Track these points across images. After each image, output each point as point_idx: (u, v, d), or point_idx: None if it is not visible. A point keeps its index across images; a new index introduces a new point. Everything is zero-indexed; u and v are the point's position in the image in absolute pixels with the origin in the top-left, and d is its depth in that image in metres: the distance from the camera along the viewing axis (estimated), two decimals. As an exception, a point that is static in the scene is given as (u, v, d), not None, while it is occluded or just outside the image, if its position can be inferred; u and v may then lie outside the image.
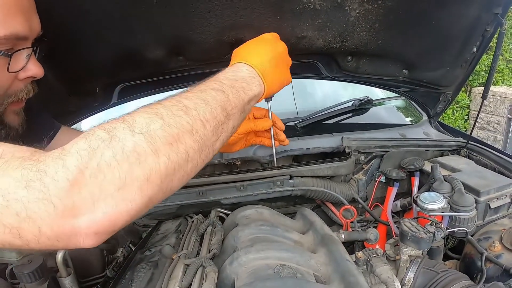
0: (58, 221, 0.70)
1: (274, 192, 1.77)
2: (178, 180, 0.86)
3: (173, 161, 0.82)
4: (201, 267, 1.25)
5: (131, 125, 0.80)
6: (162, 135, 0.81)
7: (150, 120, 0.82)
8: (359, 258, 1.34)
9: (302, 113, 2.43)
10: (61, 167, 0.71)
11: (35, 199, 0.68)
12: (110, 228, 0.75)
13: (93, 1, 1.35)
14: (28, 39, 1.07)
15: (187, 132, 0.86)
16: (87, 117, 2.13)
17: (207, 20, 1.50)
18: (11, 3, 0.97)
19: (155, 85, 1.97)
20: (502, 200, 1.63)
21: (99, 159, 0.73)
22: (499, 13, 1.66)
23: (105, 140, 0.76)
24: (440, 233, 1.36)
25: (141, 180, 0.76)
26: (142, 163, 0.76)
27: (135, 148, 0.76)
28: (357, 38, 1.71)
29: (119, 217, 0.75)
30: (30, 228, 0.69)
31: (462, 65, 1.96)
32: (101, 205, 0.72)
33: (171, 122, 0.84)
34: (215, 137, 0.94)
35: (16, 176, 0.68)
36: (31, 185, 0.68)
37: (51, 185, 0.69)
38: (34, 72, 1.11)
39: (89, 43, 1.54)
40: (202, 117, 0.90)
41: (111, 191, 0.73)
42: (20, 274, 1.31)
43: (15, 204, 0.67)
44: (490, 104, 7.67)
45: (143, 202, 0.77)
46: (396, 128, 2.32)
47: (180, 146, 0.83)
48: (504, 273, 1.32)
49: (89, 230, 0.73)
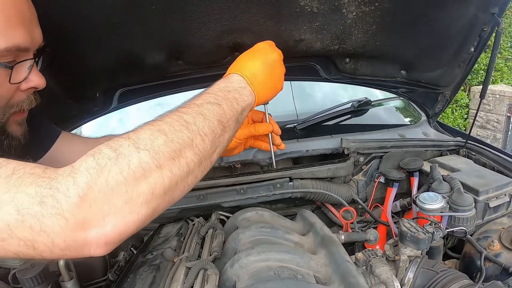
0: (70, 234, 0.74)
1: (274, 194, 1.78)
2: (180, 192, 0.91)
3: (175, 175, 0.87)
4: (202, 270, 1.26)
5: (136, 142, 0.85)
6: (165, 150, 0.86)
7: (154, 137, 0.87)
8: (358, 259, 1.34)
9: (302, 115, 2.44)
10: (72, 184, 0.75)
11: (49, 214, 0.72)
12: (119, 238, 0.81)
13: (92, 7, 1.35)
14: (30, 50, 1.07)
15: (188, 146, 0.91)
16: (88, 122, 2.14)
17: (206, 25, 1.51)
18: (13, 14, 0.97)
19: (154, 89, 1.98)
20: (501, 199, 1.63)
21: (107, 176, 0.78)
22: (496, 13, 1.66)
23: (111, 158, 0.80)
24: (439, 233, 1.37)
25: (146, 193, 0.81)
26: (147, 178, 0.82)
27: (140, 164, 0.81)
28: (354, 40, 1.72)
29: (126, 228, 0.81)
30: (44, 241, 0.73)
31: (460, 65, 1.96)
32: (111, 219, 0.78)
33: (174, 138, 0.89)
34: (212, 149, 0.99)
35: (31, 193, 0.72)
36: (44, 201, 0.72)
37: (63, 201, 0.73)
38: (36, 83, 1.13)
39: (88, 48, 1.55)
40: (201, 131, 0.95)
41: (119, 205, 0.78)
42: (22, 278, 1.31)
43: (29, 219, 0.71)
44: (489, 103, 7.67)
45: (148, 213, 0.83)
46: (395, 128, 2.32)
47: (182, 160, 0.89)
48: (503, 272, 1.32)
49: (99, 241, 0.78)
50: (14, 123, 1.16)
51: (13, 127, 1.16)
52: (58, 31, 1.26)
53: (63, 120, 1.94)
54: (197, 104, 1.02)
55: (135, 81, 1.90)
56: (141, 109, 2.58)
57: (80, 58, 1.57)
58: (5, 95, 1.07)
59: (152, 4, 1.38)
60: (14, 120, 1.15)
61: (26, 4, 1.03)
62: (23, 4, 1.01)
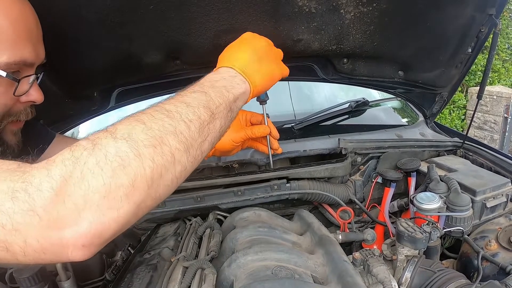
0: (44, 233, 0.69)
1: (271, 196, 1.77)
2: (166, 186, 0.84)
3: (158, 165, 0.80)
4: (200, 269, 1.26)
5: (113, 132, 0.80)
6: (144, 138, 0.80)
7: (132, 126, 0.82)
8: (356, 259, 1.35)
9: (299, 115, 2.44)
10: (46, 176, 0.71)
11: (20, 210, 0.68)
12: (98, 239, 0.74)
13: (89, 7, 1.36)
14: (34, 66, 1.13)
15: (170, 133, 0.85)
16: (85, 121, 2.14)
17: (204, 24, 1.51)
18: (22, 31, 1.04)
19: (152, 89, 1.98)
20: (498, 199, 1.64)
21: (83, 167, 0.73)
22: (493, 14, 1.67)
23: (87, 149, 0.75)
24: (436, 233, 1.37)
25: (126, 186, 0.75)
26: (126, 167, 0.75)
27: (117, 153, 0.76)
28: (352, 41, 1.72)
29: (106, 226, 0.73)
30: (17, 241, 0.69)
31: (457, 66, 1.97)
32: (87, 215, 0.71)
33: (153, 126, 0.83)
34: (202, 137, 0.93)
35: (3, 189, 0.69)
36: (16, 196, 0.68)
37: (36, 195, 0.69)
38: (35, 97, 1.17)
39: (86, 48, 1.56)
40: (185, 118, 0.89)
41: (96, 199, 0.72)
42: (19, 278, 1.32)
43: (1, 217, 0.67)
44: (487, 104, 7.69)
45: (130, 210, 0.76)
46: (392, 129, 2.33)
47: (164, 148, 0.82)
48: (501, 272, 1.33)
49: (76, 242, 0.72)
50: (10, 133, 1.18)
51: (9, 136, 1.18)
52: (56, 30, 1.27)
53: (61, 119, 1.96)
54: (180, 94, 0.98)
55: (132, 81, 1.90)
56: (139, 109, 2.58)
57: (78, 57, 1.58)
58: (6, 104, 1.11)
59: (150, 4, 1.38)
60: (10, 129, 1.18)
61: (35, 24, 1.09)
62: (32, 22, 1.08)
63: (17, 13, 1.02)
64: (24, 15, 1.05)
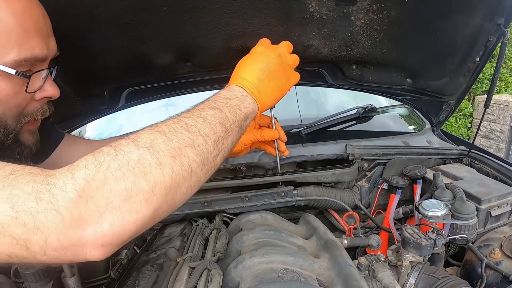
0: (65, 232, 0.72)
1: (278, 202, 1.78)
2: (182, 194, 0.89)
3: (177, 174, 0.85)
4: (206, 270, 1.27)
5: (135, 140, 0.84)
6: (165, 148, 0.85)
7: (154, 136, 0.87)
8: (361, 264, 1.36)
9: (306, 120, 2.45)
10: (70, 179, 0.74)
11: (44, 210, 0.70)
12: (117, 240, 0.78)
13: (103, 7, 1.37)
14: (46, 60, 1.11)
15: (189, 146, 0.90)
16: (94, 120, 2.16)
17: (216, 27, 1.53)
18: (31, 27, 1.02)
19: (162, 90, 2.01)
20: (503, 208, 1.64)
21: (106, 171, 0.77)
22: (502, 23, 1.68)
23: (110, 154, 0.80)
24: (441, 240, 1.38)
25: (146, 191, 0.79)
26: (147, 174, 0.80)
27: (140, 160, 0.80)
28: (362, 47, 1.74)
29: (125, 228, 0.77)
30: (38, 240, 0.71)
31: (465, 74, 1.98)
32: (108, 217, 0.75)
33: (173, 138, 0.89)
34: (216, 151, 0.98)
35: (27, 190, 0.71)
36: (40, 197, 0.71)
37: (59, 195, 0.72)
38: (50, 93, 1.15)
39: (98, 48, 1.57)
40: (203, 132, 0.95)
41: (117, 202, 0.76)
42: (25, 273, 1.32)
43: (24, 215, 0.70)
44: (493, 113, 7.66)
45: (149, 214, 0.80)
46: (399, 136, 2.33)
47: (183, 159, 0.87)
48: (504, 280, 1.33)
49: (95, 242, 0.75)
50: (27, 132, 1.17)
51: (26, 136, 1.17)
52: (69, 30, 1.28)
53: (70, 117, 1.97)
54: (198, 109, 1.03)
55: (143, 81, 1.92)
56: (149, 108, 2.60)
57: (89, 57, 1.59)
58: (20, 104, 1.09)
59: (163, 6, 1.39)
60: (27, 129, 1.16)
61: (42, 17, 1.07)
62: (40, 17, 1.06)
63: (23, 8, 1.00)
64: (30, 9, 1.02)
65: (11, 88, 1.03)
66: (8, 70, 0.99)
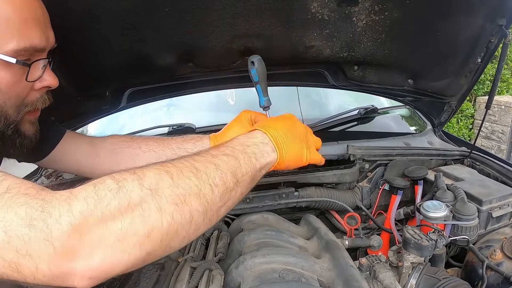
0: (56, 262, 0.71)
1: (279, 204, 1.79)
2: (179, 241, 0.86)
3: (176, 221, 0.82)
4: (207, 270, 1.27)
5: (141, 178, 0.82)
6: (169, 194, 0.82)
7: (160, 178, 0.84)
8: (362, 264, 1.36)
9: (307, 121, 2.44)
10: (66, 211, 0.72)
11: (36, 238, 0.69)
12: (105, 274, 0.76)
13: (105, 8, 1.37)
14: (45, 51, 1.11)
15: (194, 194, 0.86)
16: (96, 120, 2.16)
17: (218, 28, 1.52)
18: (29, 17, 1.02)
19: (164, 90, 2.01)
20: (504, 210, 1.64)
21: (104, 209, 0.75)
22: (504, 25, 1.67)
23: (112, 190, 0.78)
24: (442, 241, 1.38)
25: (141, 235, 0.77)
26: (145, 218, 0.78)
27: (140, 203, 0.78)
28: (363, 48, 1.74)
29: (115, 266, 0.76)
30: (29, 265, 0.70)
31: (466, 75, 1.97)
32: (99, 252, 0.74)
33: (180, 183, 0.85)
34: (221, 202, 0.94)
35: (21, 214, 0.70)
36: (34, 224, 0.70)
37: (54, 227, 0.70)
38: (49, 82, 1.15)
39: (100, 48, 1.57)
40: (212, 181, 0.91)
41: (111, 240, 0.74)
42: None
43: (16, 241, 0.69)
44: (495, 114, 7.64)
45: (140, 256, 0.79)
46: (400, 137, 2.34)
47: (185, 208, 0.84)
48: (505, 281, 1.33)
49: (84, 274, 0.74)
50: (28, 122, 1.17)
51: (26, 126, 1.16)
52: (71, 30, 1.28)
53: (72, 117, 1.97)
54: (212, 154, 0.98)
55: (144, 82, 1.92)
56: (150, 109, 2.60)
57: (91, 57, 1.59)
58: (21, 93, 1.09)
59: (166, 7, 1.39)
60: (28, 119, 1.16)
61: (40, 9, 1.07)
62: (38, 8, 1.06)
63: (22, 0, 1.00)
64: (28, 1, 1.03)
65: (11, 77, 1.03)
66: (9, 59, 0.99)
